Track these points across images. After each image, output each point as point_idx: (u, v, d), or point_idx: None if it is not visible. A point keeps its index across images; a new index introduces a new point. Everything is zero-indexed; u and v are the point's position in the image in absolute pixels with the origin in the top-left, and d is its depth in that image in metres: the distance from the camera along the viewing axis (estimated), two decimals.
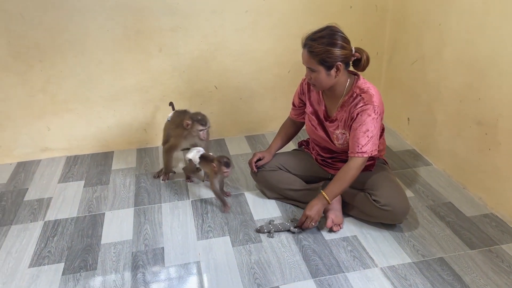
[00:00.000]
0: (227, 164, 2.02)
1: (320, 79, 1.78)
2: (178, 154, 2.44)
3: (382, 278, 1.69)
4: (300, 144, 2.28)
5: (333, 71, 1.75)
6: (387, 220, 1.92)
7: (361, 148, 1.79)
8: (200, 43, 2.50)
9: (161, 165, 2.41)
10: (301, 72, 1.92)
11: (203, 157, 2.14)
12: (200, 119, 2.14)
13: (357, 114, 1.78)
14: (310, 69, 1.78)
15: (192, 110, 2.29)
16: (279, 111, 2.63)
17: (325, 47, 1.70)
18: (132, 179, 2.39)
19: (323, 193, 1.84)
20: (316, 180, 2.12)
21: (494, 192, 2.03)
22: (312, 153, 2.17)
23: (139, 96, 2.56)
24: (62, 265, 1.79)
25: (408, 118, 2.66)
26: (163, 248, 1.88)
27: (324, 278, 1.70)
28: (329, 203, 1.85)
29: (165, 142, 2.34)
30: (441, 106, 2.32)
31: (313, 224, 1.86)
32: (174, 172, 2.40)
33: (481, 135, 2.06)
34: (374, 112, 1.78)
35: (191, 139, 2.21)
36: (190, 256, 1.83)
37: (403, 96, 2.66)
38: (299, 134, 2.27)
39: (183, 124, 2.15)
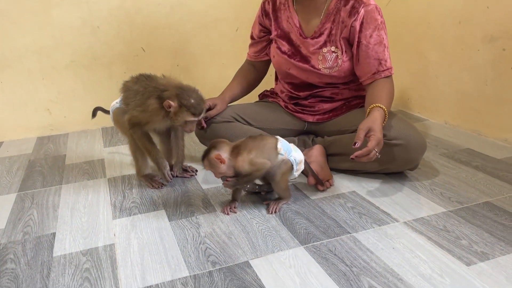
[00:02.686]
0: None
1: None
2: None
3: (412, 234, 1.06)
4: (263, 96, 1.69)
5: None
6: (398, 161, 1.32)
7: (385, 64, 1.35)
8: None
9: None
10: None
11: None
12: (194, 105, 1.23)
13: (362, 22, 1.34)
14: None
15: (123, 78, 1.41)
16: (228, 81, 2.03)
17: None
18: (22, 165, 1.66)
19: (377, 104, 1.24)
20: (288, 133, 1.55)
21: None
22: (279, 99, 1.58)
23: (37, 61, 1.94)
24: None
25: None
26: (54, 234, 1.15)
27: (321, 244, 1.04)
28: (386, 116, 1.25)
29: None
30: (433, 40, 1.84)
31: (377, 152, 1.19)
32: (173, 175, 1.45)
33: (497, 54, 1.57)
34: (379, 14, 1.36)
35: (165, 123, 1.31)
36: (100, 239, 1.12)
37: None
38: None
39: (154, 95, 1.25)
